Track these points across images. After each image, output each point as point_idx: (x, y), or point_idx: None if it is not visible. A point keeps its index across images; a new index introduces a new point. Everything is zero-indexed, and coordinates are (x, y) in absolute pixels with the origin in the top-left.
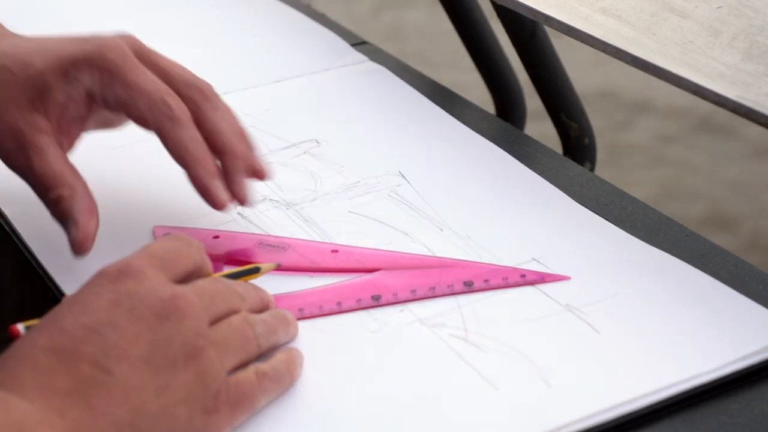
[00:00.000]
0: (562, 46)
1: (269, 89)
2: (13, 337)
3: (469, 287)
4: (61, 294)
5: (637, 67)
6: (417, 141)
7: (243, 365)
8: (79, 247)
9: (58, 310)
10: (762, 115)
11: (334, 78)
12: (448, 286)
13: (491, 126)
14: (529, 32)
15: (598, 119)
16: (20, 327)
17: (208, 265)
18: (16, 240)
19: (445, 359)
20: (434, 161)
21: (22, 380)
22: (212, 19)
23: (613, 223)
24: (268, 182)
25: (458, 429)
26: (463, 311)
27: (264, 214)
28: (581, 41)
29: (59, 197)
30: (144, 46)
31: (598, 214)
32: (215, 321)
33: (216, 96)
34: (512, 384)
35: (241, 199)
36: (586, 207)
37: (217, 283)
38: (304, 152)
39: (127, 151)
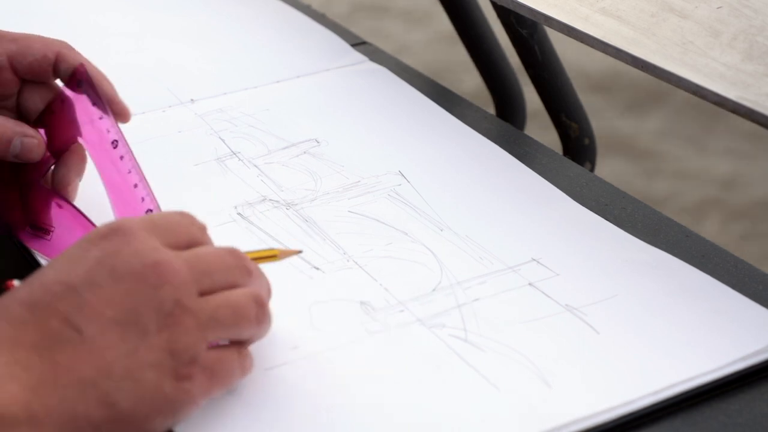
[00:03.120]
0: None
1: (269, 89)
2: (7, 290)
3: None
4: None
5: (637, 67)
6: (417, 140)
7: (237, 340)
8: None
9: (47, 265)
10: (762, 116)
11: (334, 78)
12: None
13: (491, 126)
14: (529, 32)
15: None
16: (15, 283)
17: (208, 242)
18: (15, 241)
19: (445, 359)
20: (434, 161)
21: None
22: (212, 19)
23: (613, 223)
24: (267, 182)
25: (459, 428)
26: (462, 311)
27: (264, 215)
28: (581, 41)
29: None
30: None
31: (598, 214)
32: (209, 292)
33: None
34: (512, 384)
35: None
36: (586, 207)
37: (224, 256)
38: (304, 152)
39: None
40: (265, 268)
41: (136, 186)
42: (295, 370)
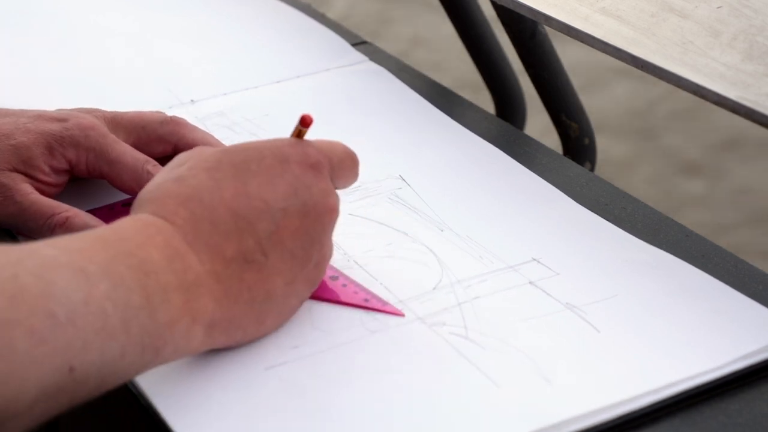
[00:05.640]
0: None
1: (269, 90)
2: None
3: None
4: None
5: (637, 67)
6: (417, 144)
7: None
8: None
9: (248, 163)
10: (762, 115)
11: (333, 79)
12: None
13: (491, 126)
14: (529, 32)
15: None
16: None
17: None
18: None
19: (446, 357)
20: (434, 164)
21: (201, 235)
22: (212, 19)
23: (613, 223)
24: None
25: (459, 426)
26: (463, 309)
27: None
28: (581, 41)
29: (66, 218)
30: (109, 114)
31: (598, 214)
32: None
33: (187, 121)
34: (513, 382)
35: None
36: (586, 207)
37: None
38: None
39: None
40: None
41: None
42: (295, 369)
